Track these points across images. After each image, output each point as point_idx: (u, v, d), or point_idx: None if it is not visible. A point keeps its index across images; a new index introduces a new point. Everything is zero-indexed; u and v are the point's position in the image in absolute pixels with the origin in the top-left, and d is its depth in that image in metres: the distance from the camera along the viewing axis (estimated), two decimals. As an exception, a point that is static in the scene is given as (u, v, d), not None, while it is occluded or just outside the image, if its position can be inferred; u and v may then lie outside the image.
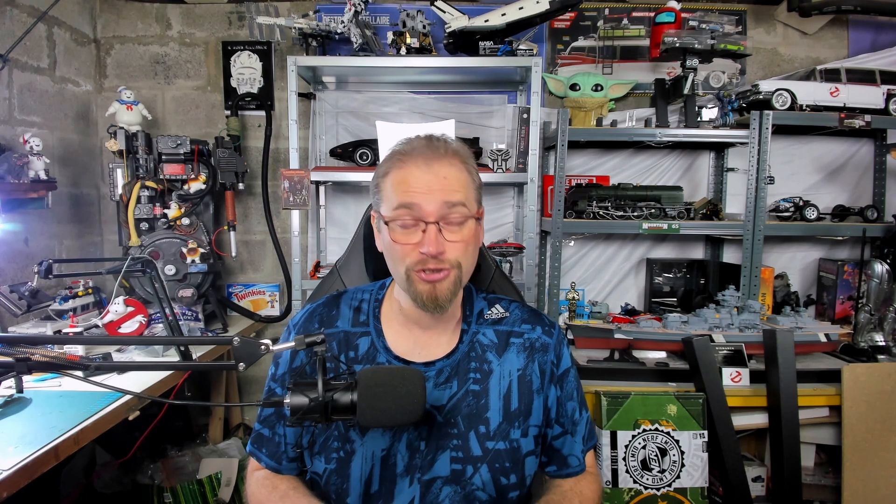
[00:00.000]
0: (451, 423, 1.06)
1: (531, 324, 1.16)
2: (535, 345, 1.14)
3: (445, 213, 1.01)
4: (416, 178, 1.02)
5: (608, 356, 2.20)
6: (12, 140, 2.23)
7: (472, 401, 1.07)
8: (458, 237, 1.02)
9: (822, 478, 2.19)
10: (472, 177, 1.07)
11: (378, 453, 1.05)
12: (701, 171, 2.91)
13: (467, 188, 1.05)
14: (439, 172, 1.02)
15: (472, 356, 1.11)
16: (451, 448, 1.05)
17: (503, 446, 1.06)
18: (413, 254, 1.02)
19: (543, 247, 2.77)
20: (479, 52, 2.45)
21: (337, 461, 1.06)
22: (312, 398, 0.85)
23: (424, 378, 0.91)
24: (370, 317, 1.15)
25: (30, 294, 1.94)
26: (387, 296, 1.17)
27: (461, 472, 1.04)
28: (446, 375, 1.09)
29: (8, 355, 0.84)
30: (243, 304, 2.91)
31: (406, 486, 1.04)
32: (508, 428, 1.07)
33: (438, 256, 1.00)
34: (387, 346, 1.11)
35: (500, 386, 1.09)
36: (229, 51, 2.88)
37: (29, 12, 2.35)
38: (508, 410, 1.08)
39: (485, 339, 1.13)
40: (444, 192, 1.01)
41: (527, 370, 1.11)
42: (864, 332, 2.23)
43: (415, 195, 1.01)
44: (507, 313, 1.17)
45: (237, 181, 2.64)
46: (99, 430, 1.56)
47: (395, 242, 1.03)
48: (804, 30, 2.85)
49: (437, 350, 1.11)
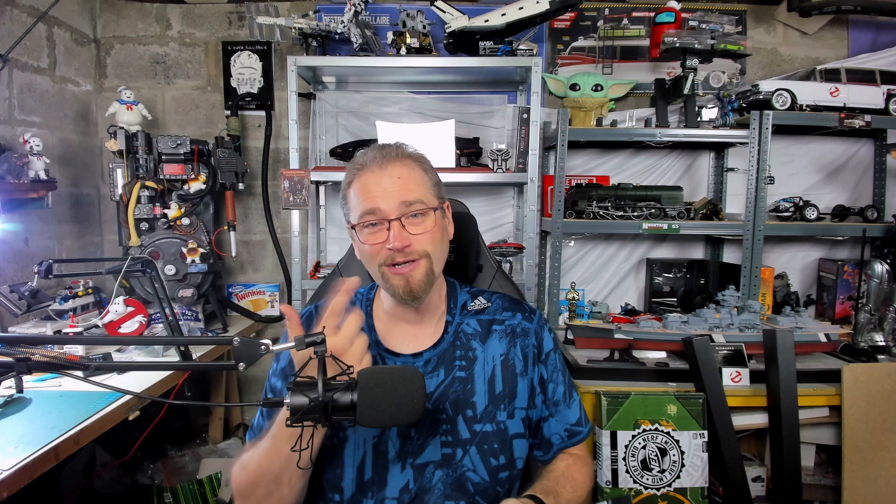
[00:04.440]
0: (439, 410, 1.11)
1: (511, 311, 1.23)
2: (517, 330, 1.20)
3: (404, 210, 1.08)
4: (373, 181, 1.10)
5: (608, 356, 2.20)
6: (12, 140, 2.23)
7: (458, 387, 1.13)
8: (421, 229, 1.10)
9: (822, 478, 2.18)
10: (427, 174, 1.15)
11: (370, 440, 1.09)
12: (701, 171, 2.91)
13: (422, 185, 1.12)
14: (393, 173, 1.10)
15: (457, 345, 1.17)
16: (441, 433, 1.10)
17: (490, 428, 1.11)
18: (382, 251, 1.09)
19: (543, 247, 2.77)
20: (479, 52, 2.45)
21: (329, 449, 1.10)
22: (312, 398, 0.85)
23: (424, 378, 0.92)
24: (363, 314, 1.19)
25: (30, 294, 1.94)
26: (376, 295, 1.25)
27: (451, 455, 1.09)
28: (433, 364, 1.15)
29: (8, 355, 0.84)
30: (243, 304, 2.92)
31: (398, 472, 1.08)
32: (494, 410, 1.13)
33: (405, 250, 1.08)
34: (378, 340, 1.18)
35: (485, 371, 1.15)
36: (229, 51, 2.88)
37: (29, 12, 2.36)
38: (493, 394, 1.14)
39: (468, 328, 1.19)
40: (400, 192, 1.09)
41: (509, 354, 1.18)
42: (864, 332, 2.23)
43: (374, 198, 1.08)
44: (488, 303, 1.24)
45: (237, 181, 2.64)
46: (99, 430, 1.57)
47: (365, 244, 1.11)
48: (804, 30, 2.85)
49: (425, 342, 1.17)
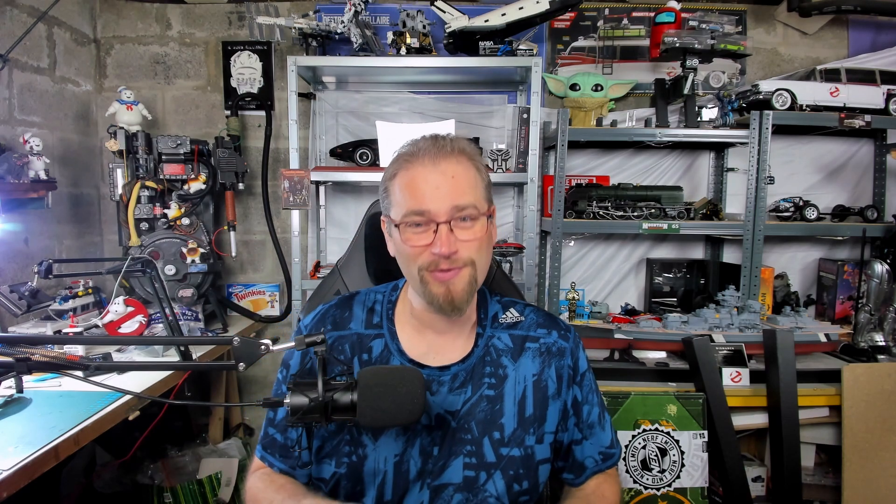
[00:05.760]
0: (464, 429, 1.04)
1: (547, 328, 1.14)
2: (552, 349, 1.11)
3: (455, 214, 0.99)
4: (423, 178, 0.99)
5: (608, 356, 2.20)
6: (12, 140, 2.23)
7: (486, 406, 1.05)
8: (471, 235, 1.00)
9: (822, 478, 2.18)
10: (481, 174, 1.05)
11: (391, 458, 1.03)
12: (701, 171, 2.91)
13: (476, 187, 1.03)
14: (447, 171, 1.00)
15: (487, 360, 1.08)
16: (465, 454, 1.03)
17: (518, 453, 1.04)
18: (425, 254, 0.99)
19: (543, 247, 2.77)
20: (479, 52, 2.45)
21: (348, 465, 1.04)
22: (312, 398, 0.86)
23: (423, 378, 0.91)
24: (384, 318, 1.13)
25: (30, 294, 1.94)
26: (400, 297, 1.15)
27: (474, 478, 1.02)
28: (461, 380, 1.06)
29: (8, 355, 0.84)
30: (243, 304, 2.92)
31: (416, 492, 1.03)
32: (523, 434, 1.05)
33: (451, 257, 0.98)
34: (401, 349, 1.09)
35: (515, 391, 1.07)
36: (229, 51, 2.88)
37: (29, 12, 2.35)
38: (523, 416, 1.06)
39: (500, 343, 1.11)
40: (453, 194, 0.99)
41: (542, 375, 1.09)
42: (864, 332, 2.23)
43: (424, 198, 0.98)
44: (522, 317, 1.14)
45: (237, 181, 2.64)
46: (99, 430, 1.56)
47: (406, 244, 1.00)
48: (804, 30, 2.85)
49: (453, 354, 1.09)
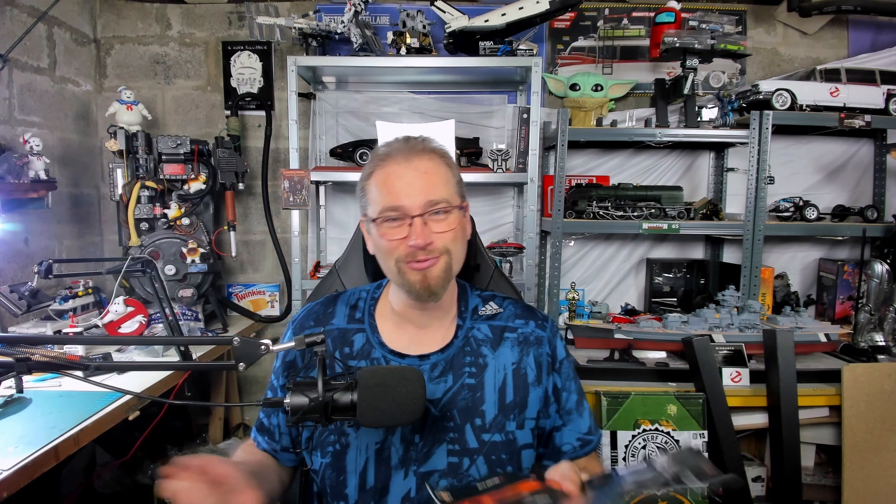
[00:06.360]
0: (447, 417, 1.08)
1: (524, 318, 1.18)
2: (529, 338, 1.16)
3: (428, 208, 1.05)
4: (397, 175, 1.06)
5: (608, 356, 2.20)
6: (12, 140, 2.23)
7: (467, 394, 1.09)
8: (445, 227, 1.06)
9: (822, 478, 2.18)
10: (452, 171, 1.11)
11: (372, 446, 1.07)
12: (701, 171, 2.91)
13: (448, 182, 1.09)
14: (419, 168, 1.06)
15: (466, 350, 1.13)
16: (448, 441, 1.07)
17: (499, 438, 1.08)
18: (402, 247, 1.05)
19: (543, 247, 2.77)
20: (479, 52, 2.45)
21: (332, 454, 1.08)
22: (312, 398, 0.85)
23: (424, 378, 0.92)
24: (365, 314, 1.17)
25: (30, 294, 1.94)
26: (383, 294, 1.20)
27: (458, 464, 1.06)
28: (441, 369, 1.11)
29: (8, 355, 0.84)
30: (243, 304, 2.92)
31: (401, 479, 1.06)
32: (504, 420, 1.09)
33: (427, 247, 1.03)
34: (381, 342, 1.13)
35: (496, 379, 1.11)
36: (229, 51, 2.88)
37: (29, 12, 2.36)
38: (504, 403, 1.10)
39: (479, 334, 1.15)
40: (426, 189, 1.05)
41: (521, 363, 1.13)
42: (864, 332, 2.23)
43: (398, 194, 1.04)
44: (500, 309, 1.19)
45: (237, 181, 2.64)
46: (99, 430, 1.57)
47: (383, 238, 1.06)
48: (804, 30, 2.85)
49: (433, 345, 1.13)
